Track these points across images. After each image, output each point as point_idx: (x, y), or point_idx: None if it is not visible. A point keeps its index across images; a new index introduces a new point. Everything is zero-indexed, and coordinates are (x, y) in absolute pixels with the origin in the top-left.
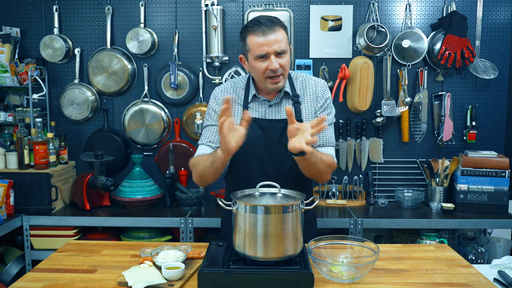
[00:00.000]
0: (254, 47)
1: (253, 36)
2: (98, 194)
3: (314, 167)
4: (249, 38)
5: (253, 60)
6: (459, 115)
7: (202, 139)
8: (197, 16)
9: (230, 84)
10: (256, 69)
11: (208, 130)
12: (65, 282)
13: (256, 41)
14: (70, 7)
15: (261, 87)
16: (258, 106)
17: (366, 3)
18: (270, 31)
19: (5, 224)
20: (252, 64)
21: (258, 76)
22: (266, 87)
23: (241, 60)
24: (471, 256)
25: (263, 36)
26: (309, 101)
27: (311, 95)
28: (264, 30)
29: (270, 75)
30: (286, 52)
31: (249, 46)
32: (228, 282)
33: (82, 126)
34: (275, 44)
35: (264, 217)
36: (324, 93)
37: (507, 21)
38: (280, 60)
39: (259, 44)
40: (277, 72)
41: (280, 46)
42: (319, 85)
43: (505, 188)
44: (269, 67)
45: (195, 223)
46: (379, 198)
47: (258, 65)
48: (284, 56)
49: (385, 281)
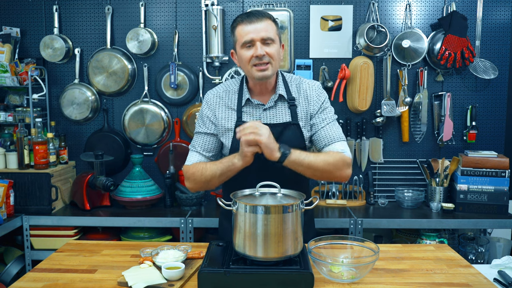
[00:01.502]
0: (241, 35)
1: (240, 26)
2: (98, 194)
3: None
4: (237, 29)
5: (240, 49)
6: (459, 115)
7: (195, 146)
8: (197, 16)
9: (222, 88)
10: (243, 57)
11: (200, 137)
12: (65, 282)
13: (243, 29)
14: (70, 7)
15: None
16: (252, 110)
17: (366, 3)
18: (257, 20)
19: (5, 224)
20: (239, 54)
21: (245, 66)
22: (253, 76)
23: (232, 55)
24: (471, 256)
25: (250, 24)
26: (304, 104)
27: (306, 98)
28: (251, 19)
29: (256, 63)
30: (274, 42)
31: (236, 36)
32: (228, 282)
33: (82, 126)
34: (261, 32)
35: (264, 217)
36: (319, 96)
37: (507, 21)
38: (267, 48)
39: (245, 32)
40: (263, 59)
41: (267, 33)
42: (313, 88)
43: (505, 188)
44: (254, 54)
45: (195, 223)
46: (379, 198)
47: (244, 53)
48: (272, 45)
49: (385, 281)
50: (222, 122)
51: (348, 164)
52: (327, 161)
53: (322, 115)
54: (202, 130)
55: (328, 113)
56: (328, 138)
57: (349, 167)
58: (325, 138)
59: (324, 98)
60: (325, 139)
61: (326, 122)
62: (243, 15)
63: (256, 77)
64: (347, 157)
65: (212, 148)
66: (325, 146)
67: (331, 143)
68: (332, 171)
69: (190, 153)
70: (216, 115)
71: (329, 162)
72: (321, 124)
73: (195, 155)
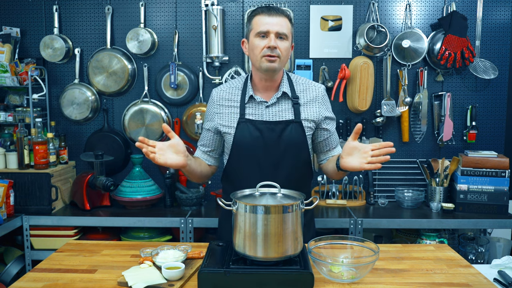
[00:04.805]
0: (257, 25)
1: (259, 16)
2: (98, 194)
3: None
4: (255, 18)
5: (253, 37)
6: (459, 115)
7: (199, 141)
8: (197, 16)
9: (227, 85)
10: (255, 46)
11: (204, 133)
12: (65, 282)
13: (261, 19)
14: (70, 7)
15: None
16: (255, 107)
17: (366, 3)
18: (276, 14)
19: (5, 224)
20: (252, 42)
21: (255, 55)
22: (261, 66)
23: (242, 44)
24: (471, 256)
25: (269, 16)
26: (309, 104)
27: (313, 100)
28: (271, 12)
29: (267, 53)
30: (287, 38)
31: (252, 25)
32: (228, 282)
33: (82, 126)
34: (277, 26)
35: (264, 217)
36: (326, 103)
37: (507, 21)
38: (279, 42)
39: (262, 22)
40: (274, 52)
41: (283, 28)
42: (319, 91)
43: (505, 188)
44: (267, 44)
45: (195, 223)
46: (379, 198)
47: (257, 42)
48: (285, 41)
49: (385, 281)
50: (225, 118)
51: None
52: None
53: (329, 126)
54: (206, 126)
55: (333, 122)
56: (330, 145)
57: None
58: (330, 144)
59: (329, 104)
60: (329, 144)
61: (331, 132)
62: (263, 7)
63: (264, 68)
64: None
65: (211, 144)
66: (327, 151)
67: (332, 148)
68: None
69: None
70: (219, 112)
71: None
72: (327, 134)
73: (198, 150)
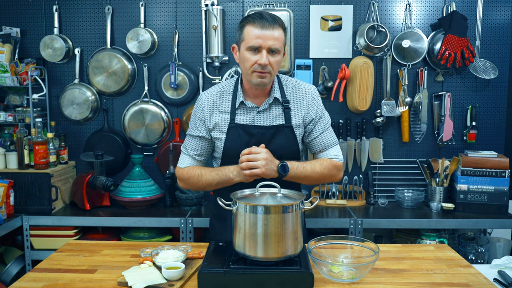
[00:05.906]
0: (249, 38)
1: (251, 27)
2: (98, 194)
3: (308, 179)
4: (246, 27)
5: (245, 50)
6: (459, 115)
7: (187, 149)
8: (197, 16)
9: (216, 89)
10: (246, 60)
11: (193, 140)
12: (65, 282)
13: (253, 32)
14: (70, 7)
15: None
16: (246, 113)
17: (366, 3)
18: (269, 26)
19: (5, 224)
20: (242, 54)
21: (246, 68)
22: (251, 81)
23: (233, 49)
24: (471, 256)
25: (261, 29)
26: (299, 107)
27: (302, 102)
28: (263, 23)
29: (258, 70)
30: (279, 52)
31: (244, 36)
32: (228, 282)
33: (82, 126)
34: (270, 40)
35: (264, 217)
36: (316, 102)
37: (507, 21)
38: (271, 58)
39: (255, 35)
40: (265, 68)
41: (275, 44)
42: (309, 92)
43: (505, 188)
44: (258, 61)
45: (195, 223)
46: (379, 198)
47: (248, 56)
48: (276, 56)
49: (385, 281)
50: (215, 124)
51: (339, 169)
52: (321, 172)
53: (320, 123)
54: (195, 133)
55: (324, 120)
56: (323, 145)
57: (341, 171)
58: (320, 145)
59: (320, 104)
60: (320, 145)
61: (322, 130)
62: (256, 16)
63: (254, 83)
64: (339, 163)
65: (204, 153)
66: (320, 152)
67: (326, 149)
68: (326, 179)
69: (182, 155)
70: (209, 117)
71: (323, 173)
72: (318, 132)
73: (187, 158)
